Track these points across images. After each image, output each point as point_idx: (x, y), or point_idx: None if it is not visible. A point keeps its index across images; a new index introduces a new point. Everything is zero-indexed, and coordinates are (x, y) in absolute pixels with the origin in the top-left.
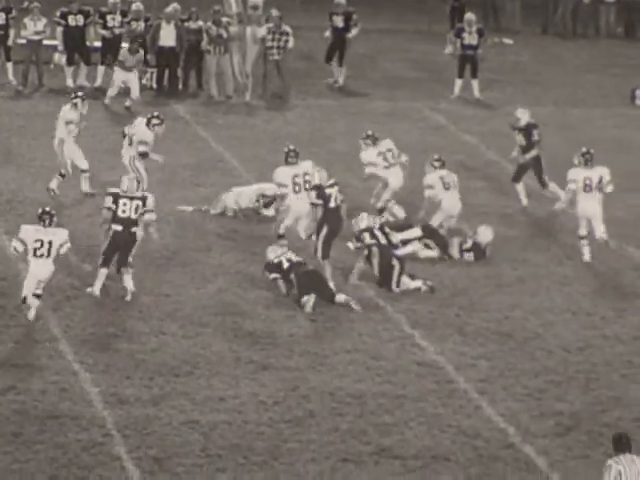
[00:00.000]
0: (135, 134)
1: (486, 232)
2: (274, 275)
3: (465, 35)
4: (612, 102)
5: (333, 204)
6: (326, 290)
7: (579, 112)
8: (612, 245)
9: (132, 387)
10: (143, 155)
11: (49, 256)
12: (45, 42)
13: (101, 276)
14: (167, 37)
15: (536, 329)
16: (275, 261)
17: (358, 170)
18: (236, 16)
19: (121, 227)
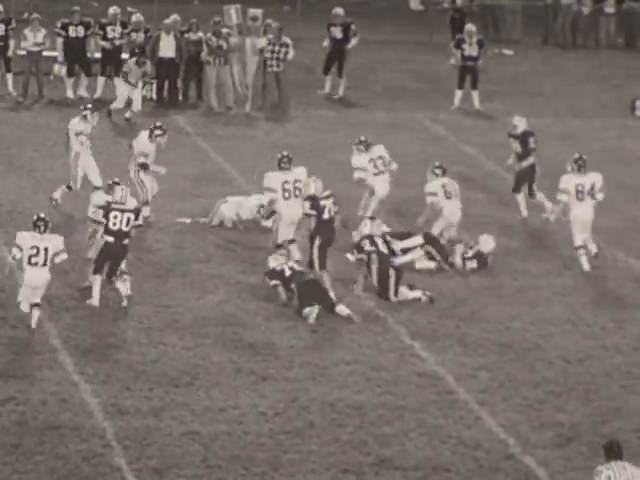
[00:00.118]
0: (136, 146)
1: (488, 241)
2: (275, 282)
3: (465, 46)
4: (612, 113)
5: (327, 216)
6: (327, 300)
7: (579, 123)
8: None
9: (132, 398)
10: (142, 167)
11: (45, 264)
12: (45, 53)
13: (96, 284)
14: (167, 48)
15: (536, 340)
16: (277, 269)
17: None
18: (236, 27)
19: (113, 239)
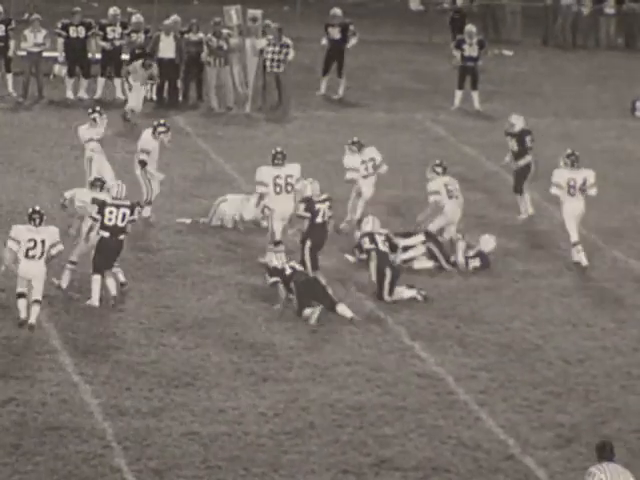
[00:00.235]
0: (139, 143)
1: (489, 240)
2: (275, 279)
3: (465, 47)
4: (612, 113)
5: (320, 219)
6: (326, 299)
7: (579, 123)
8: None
9: (132, 398)
10: (141, 163)
11: (41, 257)
12: (45, 54)
13: (96, 284)
14: (166, 49)
15: (536, 340)
16: (278, 267)
17: None
18: (236, 28)
19: (108, 234)
